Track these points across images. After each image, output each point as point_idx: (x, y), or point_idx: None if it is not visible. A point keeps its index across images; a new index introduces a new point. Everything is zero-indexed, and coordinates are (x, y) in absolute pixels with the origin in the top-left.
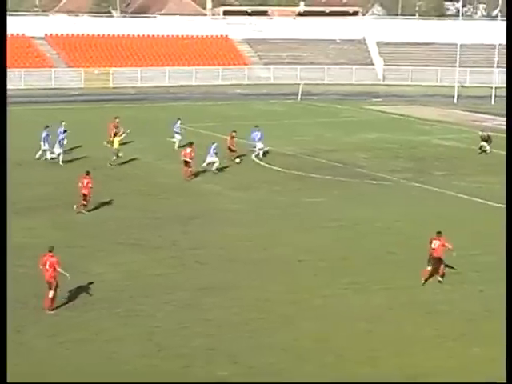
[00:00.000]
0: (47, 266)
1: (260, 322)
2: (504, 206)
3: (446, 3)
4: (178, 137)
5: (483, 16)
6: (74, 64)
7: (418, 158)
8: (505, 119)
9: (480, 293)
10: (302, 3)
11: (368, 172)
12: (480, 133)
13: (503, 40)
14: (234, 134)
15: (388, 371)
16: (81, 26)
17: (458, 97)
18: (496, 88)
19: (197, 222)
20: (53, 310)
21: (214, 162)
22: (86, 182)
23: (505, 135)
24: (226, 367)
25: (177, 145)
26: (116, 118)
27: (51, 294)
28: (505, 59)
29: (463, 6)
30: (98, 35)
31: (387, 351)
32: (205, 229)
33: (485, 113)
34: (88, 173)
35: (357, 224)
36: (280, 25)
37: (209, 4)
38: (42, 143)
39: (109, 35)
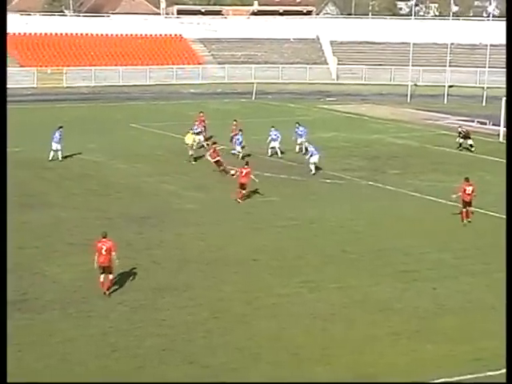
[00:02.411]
0: (103, 251)
1: (214, 322)
2: (457, 204)
3: (399, 3)
4: (238, 148)
5: (435, 15)
6: (27, 64)
7: (372, 157)
8: (457, 118)
9: (433, 290)
10: (255, 2)
11: (322, 171)
12: (459, 129)
13: (455, 39)
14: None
15: (342, 369)
16: (33, 26)
17: (411, 96)
18: (449, 87)
19: (151, 222)
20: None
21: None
22: None
23: (457, 134)
24: (180, 367)
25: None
26: (201, 112)
27: (111, 276)
28: (457, 58)
29: (416, 5)
30: (51, 34)
31: (341, 349)
32: (159, 229)
33: (438, 111)
34: None
35: (311, 223)
36: (234, 24)
37: (162, 3)
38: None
39: (62, 34)
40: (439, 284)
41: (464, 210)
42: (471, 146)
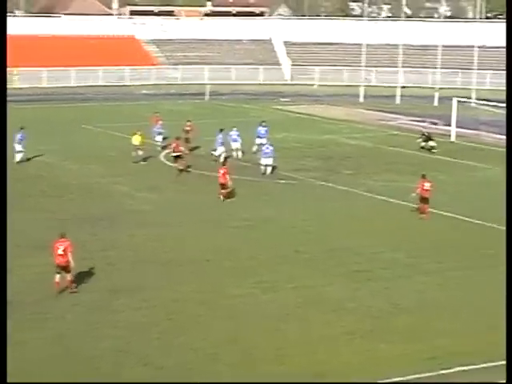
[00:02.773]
0: (60, 251)
1: (169, 323)
2: (410, 204)
3: (351, 4)
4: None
5: (388, 17)
6: None
7: (326, 157)
8: (409, 118)
9: (386, 289)
10: (208, 3)
11: (276, 171)
12: (423, 130)
13: (407, 40)
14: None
15: (296, 369)
16: None
17: (363, 96)
18: (401, 87)
19: (105, 224)
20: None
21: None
22: None
23: (409, 134)
24: (135, 369)
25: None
26: (156, 112)
27: (69, 276)
28: (409, 59)
29: (368, 6)
30: None
31: (295, 349)
32: (113, 230)
33: (390, 112)
34: None
35: (265, 223)
36: (187, 25)
37: (115, 4)
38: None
39: (12, 35)
40: (393, 283)
41: (421, 204)
42: (433, 147)
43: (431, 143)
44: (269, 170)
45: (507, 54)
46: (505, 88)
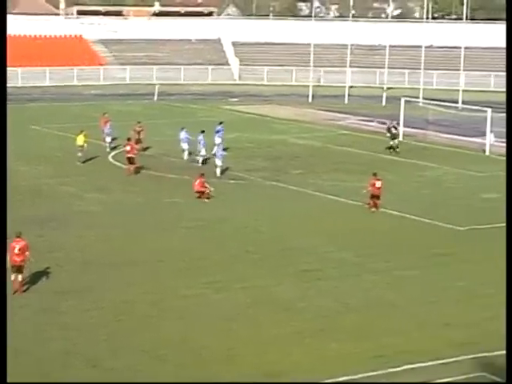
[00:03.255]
0: (16, 251)
1: (119, 324)
2: (359, 203)
3: (299, 4)
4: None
5: (335, 17)
6: None
7: (275, 157)
8: (358, 118)
9: (335, 289)
10: (156, 3)
11: (226, 171)
12: (393, 131)
13: (355, 40)
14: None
15: (247, 369)
16: None
17: (312, 96)
18: (349, 87)
19: (53, 225)
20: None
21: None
22: None
23: (358, 133)
24: (84, 371)
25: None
26: (105, 113)
27: (20, 277)
28: (357, 59)
29: (317, 6)
30: None
31: (246, 349)
32: (61, 231)
33: (339, 112)
34: None
35: (215, 223)
36: (135, 25)
37: (62, 4)
38: None
39: None
40: (342, 282)
41: (372, 201)
42: (397, 146)
43: (396, 142)
44: (218, 171)
45: (507, 54)
46: (453, 88)
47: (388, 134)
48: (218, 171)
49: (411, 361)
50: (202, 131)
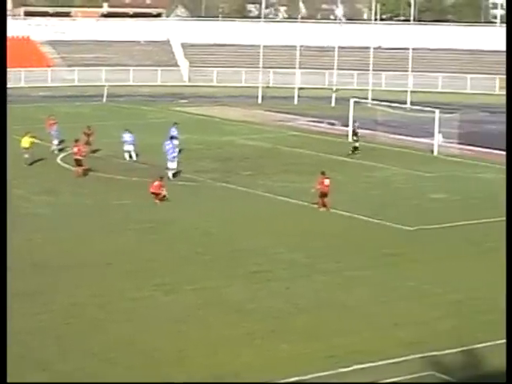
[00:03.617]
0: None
1: (68, 327)
2: (307, 204)
3: (249, 5)
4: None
5: (284, 18)
6: None
7: (225, 159)
8: (307, 119)
9: (286, 290)
10: (105, 4)
11: (178, 173)
12: (359, 131)
13: (304, 41)
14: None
15: (198, 370)
16: None
17: (262, 97)
18: (299, 88)
19: None
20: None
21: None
22: None
23: (307, 134)
24: (34, 374)
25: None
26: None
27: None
28: (307, 60)
29: (265, 8)
30: None
31: (196, 351)
32: (9, 234)
33: (288, 113)
34: None
35: (165, 225)
36: (83, 26)
37: (9, 4)
38: None
39: None
40: (292, 283)
41: (321, 199)
42: (357, 148)
43: (357, 143)
44: (170, 173)
45: (507, 54)
46: (401, 89)
47: (353, 136)
48: (170, 174)
49: (361, 361)
50: (171, 137)
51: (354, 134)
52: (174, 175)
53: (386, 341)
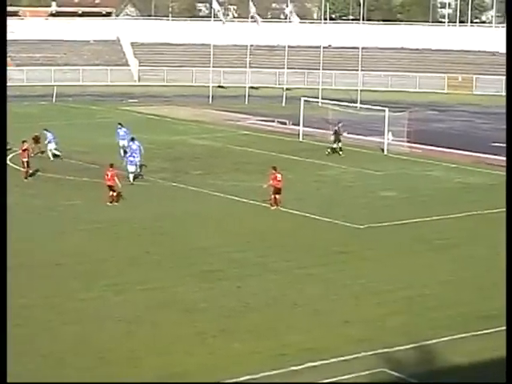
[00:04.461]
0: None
1: (17, 329)
2: (258, 202)
3: (198, 4)
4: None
5: (234, 17)
6: None
7: (175, 158)
8: (258, 118)
9: (237, 289)
10: (53, 3)
11: (126, 173)
12: (342, 134)
13: (254, 41)
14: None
15: (149, 370)
16: None
17: (212, 97)
18: (249, 88)
19: None
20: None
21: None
22: None
23: (258, 133)
24: None
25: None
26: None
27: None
28: (257, 59)
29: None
30: None
31: (148, 351)
32: None
33: (239, 112)
34: None
35: (114, 225)
36: (32, 25)
37: None
38: None
39: None
40: (243, 282)
41: (273, 196)
42: (340, 149)
43: (340, 144)
44: (131, 177)
45: (507, 54)
46: (351, 87)
47: (332, 137)
48: (131, 177)
49: (313, 358)
50: (132, 139)
51: (336, 134)
52: (134, 178)
53: (337, 338)
